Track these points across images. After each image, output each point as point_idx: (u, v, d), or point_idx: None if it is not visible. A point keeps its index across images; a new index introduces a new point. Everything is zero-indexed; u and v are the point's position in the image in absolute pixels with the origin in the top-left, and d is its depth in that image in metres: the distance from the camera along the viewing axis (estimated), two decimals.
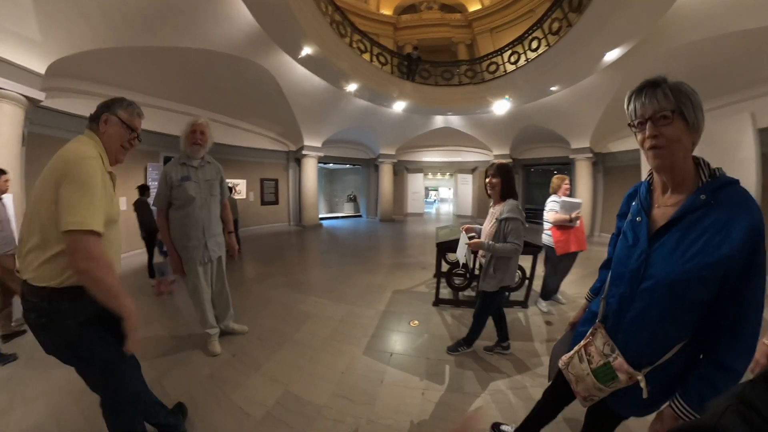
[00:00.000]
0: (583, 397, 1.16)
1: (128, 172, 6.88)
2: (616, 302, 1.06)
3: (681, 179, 0.95)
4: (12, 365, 2.54)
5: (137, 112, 1.48)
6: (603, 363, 1.05)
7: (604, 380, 1.05)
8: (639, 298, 0.98)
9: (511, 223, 2.25)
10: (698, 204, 0.89)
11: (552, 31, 7.47)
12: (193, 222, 2.59)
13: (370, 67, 8.82)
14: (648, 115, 0.91)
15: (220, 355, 2.70)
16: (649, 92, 0.90)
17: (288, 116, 9.40)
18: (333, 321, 3.43)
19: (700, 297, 0.87)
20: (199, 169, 2.65)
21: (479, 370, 2.53)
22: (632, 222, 1.07)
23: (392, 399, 2.19)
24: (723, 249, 0.83)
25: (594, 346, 1.10)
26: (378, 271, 5.58)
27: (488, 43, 15.50)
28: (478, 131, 11.50)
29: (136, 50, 5.42)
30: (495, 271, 2.36)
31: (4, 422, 1.96)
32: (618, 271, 1.09)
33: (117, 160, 1.45)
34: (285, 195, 11.55)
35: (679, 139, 0.89)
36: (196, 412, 2.03)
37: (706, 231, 0.86)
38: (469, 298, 3.88)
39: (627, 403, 1.07)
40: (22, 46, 3.90)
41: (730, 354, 0.88)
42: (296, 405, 2.12)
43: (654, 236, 0.97)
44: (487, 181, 2.40)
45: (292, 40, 6.35)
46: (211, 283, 2.83)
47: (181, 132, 2.66)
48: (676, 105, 0.87)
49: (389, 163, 13.24)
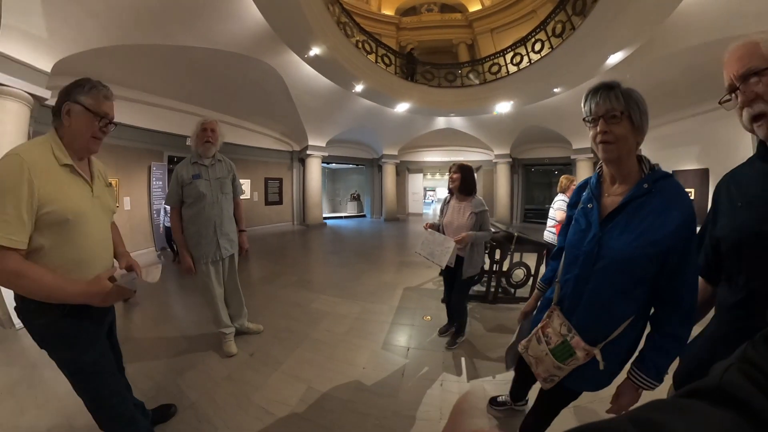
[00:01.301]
0: (543, 378, 1.23)
1: (131, 172, 6.84)
2: (572, 284, 1.15)
3: (627, 172, 1.07)
4: (24, 367, 2.46)
5: (104, 93, 1.27)
6: (561, 342, 1.14)
7: (563, 358, 1.13)
8: (593, 278, 1.08)
9: (485, 214, 2.59)
10: (641, 191, 1.02)
11: (555, 33, 7.56)
12: (204, 220, 2.59)
13: (376, 68, 8.86)
14: (601, 113, 1.02)
15: (237, 356, 2.68)
16: (604, 93, 1.02)
17: (293, 116, 9.41)
18: (348, 318, 3.46)
19: (646, 272, 1.00)
20: (210, 168, 2.66)
21: (491, 359, 2.64)
22: (584, 209, 1.18)
23: (414, 391, 2.23)
24: (661, 231, 0.96)
25: (551, 327, 1.19)
26: (387, 269, 5.63)
27: (489, 43, 15.56)
28: (480, 131, 11.56)
29: (142, 48, 5.40)
30: (477, 256, 2.64)
31: (16, 425, 1.92)
32: (572, 255, 1.19)
33: (90, 151, 1.31)
34: (289, 195, 11.62)
35: (626, 137, 1.01)
36: (218, 414, 2.02)
37: (648, 215, 0.99)
38: (479, 293, 3.94)
39: (582, 380, 1.16)
40: (29, 44, 3.85)
41: (676, 323, 1.01)
42: (321, 401, 2.13)
43: (605, 220, 1.09)
44: (449, 176, 2.68)
45: (300, 39, 6.37)
46: (223, 281, 2.82)
47: (192, 132, 2.67)
48: (626, 107, 0.99)
49: (392, 164, 13.35)
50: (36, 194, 1.09)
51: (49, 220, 1.13)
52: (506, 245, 3.75)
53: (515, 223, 12.31)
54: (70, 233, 1.20)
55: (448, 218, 2.71)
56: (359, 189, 15.75)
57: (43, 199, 1.11)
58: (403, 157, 13.67)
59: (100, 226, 1.35)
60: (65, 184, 1.20)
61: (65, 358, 1.27)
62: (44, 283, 1.10)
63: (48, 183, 1.13)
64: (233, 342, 2.78)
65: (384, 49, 9.47)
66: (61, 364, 1.27)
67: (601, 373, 1.10)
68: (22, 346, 2.74)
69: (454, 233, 2.59)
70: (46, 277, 1.11)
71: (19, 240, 1.06)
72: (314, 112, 9.46)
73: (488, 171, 13.16)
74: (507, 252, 3.77)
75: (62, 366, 1.28)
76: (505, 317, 3.47)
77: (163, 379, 2.39)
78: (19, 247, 1.07)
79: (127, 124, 6.59)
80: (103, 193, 1.40)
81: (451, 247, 2.49)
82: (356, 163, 14.05)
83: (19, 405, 2.09)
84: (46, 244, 1.15)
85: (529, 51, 8.59)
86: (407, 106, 9.72)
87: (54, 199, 1.14)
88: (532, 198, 13.08)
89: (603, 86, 1.03)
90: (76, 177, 1.26)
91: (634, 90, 1.03)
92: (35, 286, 1.10)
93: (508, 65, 9.24)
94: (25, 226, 1.08)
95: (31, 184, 1.08)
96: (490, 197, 12.98)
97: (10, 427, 1.92)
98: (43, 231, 1.14)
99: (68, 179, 1.22)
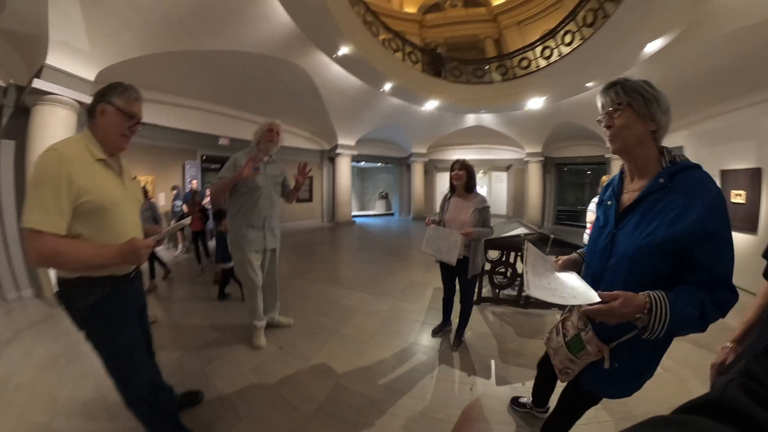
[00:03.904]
0: (560, 370, 1.28)
1: (166, 170, 7.28)
2: (590, 280, 1.14)
3: (644, 165, 1.08)
4: (67, 343, 2.65)
5: (134, 96, 1.38)
6: (575, 335, 1.19)
7: (575, 350, 1.18)
8: (607, 274, 1.10)
9: (488, 210, 2.62)
10: (657, 187, 1.01)
11: (586, 23, 7.20)
12: (257, 210, 2.69)
13: (403, 66, 8.81)
14: (606, 108, 1.09)
15: (265, 348, 2.72)
16: (605, 92, 1.10)
17: (323, 115, 9.52)
18: (379, 316, 3.44)
19: (662, 268, 0.96)
20: (267, 165, 2.80)
21: (522, 365, 2.52)
22: (604, 206, 1.22)
23: (443, 393, 2.19)
24: (678, 225, 0.92)
25: (570, 321, 1.25)
26: (417, 268, 5.56)
27: (516, 37, 15.03)
28: (511, 129, 11.24)
29: (174, 55, 5.65)
30: (479, 255, 2.69)
31: (53, 399, 2.08)
32: (591, 251, 1.23)
33: (119, 148, 1.40)
34: (319, 192, 11.86)
35: (628, 126, 1.04)
36: (243, 404, 2.05)
37: (662, 211, 0.97)
38: (510, 296, 3.82)
39: (597, 381, 1.18)
40: (74, 57, 4.17)
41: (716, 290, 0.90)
42: (349, 398, 2.11)
43: (619, 217, 1.11)
44: (453, 174, 2.65)
45: (328, 39, 6.41)
46: (263, 273, 2.88)
47: (256, 130, 2.79)
48: (626, 99, 1.04)
49: (421, 162, 13.26)
50: (74, 185, 1.19)
51: (87, 208, 1.23)
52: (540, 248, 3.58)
53: (547, 225, 11.81)
54: (106, 221, 1.30)
55: (450, 215, 2.68)
56: (387, 187, 15.81)
57: (80, 190, 1.20)
58: (431, 156, 13.52)
59: (132, 214, 1.47)
60: (100, 176, 1.30)
61: (101, 339, 1.37)
62: (81, 253, 1.21)
63: (84, 175, 1.22)
64: (263, 334, 2.84)
65: (410, 46, 9.39)
66: (96, 345, 1.37)
67: (615, 378, 1.12)
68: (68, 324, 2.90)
69: (457, 229, 2.54)
70: (82, 247, 1.21)
71: (57, 225, 1.16)
72: (343, 112, 9.53)
73: (519, 170, 12.75)
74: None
75: (97, 347, 1.38)
76: (536, 322, 3.34)
77: (191, 366, 2.47)
78: (57, 231, 1.16)
79: (163, 125, 7.06)
80: (132, 186, 1.52)
81: (459, 241, 2.45)
82: (385, 161, 14.06)
83: (59, 378, 2.30)
84: (84, 232, 1.25)
85: (559, 44, 8.24)
86: (436, 103, 9.60)
87: (90, 190, 1.23)
88: (564, 199, 12.41)
89: (607, 85, 1.10)
90: (109, 171, 1.37)
91: (643, 81, 1.06)
92: (74, 258, 1.20)
93: (538, 59, 8.92)
94: (63, 214, 1.17)
95: (69, 175, 1.18)
96: (520, 197, 12.61)
97: (50, 398, 2.09)
98: (81, 219, 1.23)
99: (102, 172, 1.33)
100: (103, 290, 1.32)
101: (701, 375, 2.31)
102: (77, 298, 1.30)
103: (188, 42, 5.52)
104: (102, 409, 1.97)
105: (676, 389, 2.20)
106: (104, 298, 1.33)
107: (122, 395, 1.47)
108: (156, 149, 7.05)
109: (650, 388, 1.09)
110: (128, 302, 1.46)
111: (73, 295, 1.30)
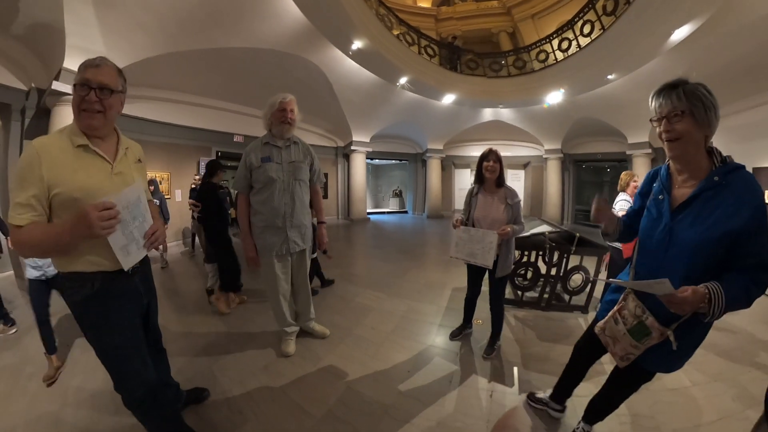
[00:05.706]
0: (620, 357, 1.32)
1: (181, 167, 7.38)
2: (646, 269, 1.26)
3: (696, 165, 1.14)
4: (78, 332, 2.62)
5: (86, 63, 1.24)
6: (637, 322, 1.24)
7: (639, 337, 1.23)
8: (666, 264, 1.17)
9: (520, 205, 2.43)
10: (712, 184, 1.09)
11: (606, 11, 6.90)
12: (272, 208, 2.34)
13: (420, 60, 8.67)
14: (664, 113, 1.11)
15: (275, 347, 2.62)
16: (666, 94, 1.11)
17: (337, 112, 9.48)
18: (394, 316, 3.32)
19: (717, 257, 1.07)
20: (284, 150, 2.40)
21: (546, 371, 2.36)
22: (655, 200, 1.27)
23: (461, 401, 2.05)
24: (734, 221, 1.03)
25: (627, 309, 1.29)
26: (433, 267, 5.41)
27: (531, 29, 14.68)
28: (529, 124, 10.98)
29: (187, 54, 5.69)
30: (510, 254, 2.47)
31: (64, 389, 2.11)
32: (645, 242, 1.30)
33: (89, 127, 1.25)
34: (334, 189, 11.86)
35: (689, 133, 1.08)
36: (250, 405, 1.99)
37: (719, 206, 1.06)
38: (531, 299, 3.64)
39: (658, 360, 1.26)
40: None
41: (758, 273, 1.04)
42: (360, 404, 2.00)
43: (675, 211, 1.18)
44: (487, 165, 2.40)
45: (342, 33, 6.33)
46: (291, 278, 2.59)
47: (265, 112, 2.44)
48: (687, 106, 1.06)
49: (437, 158, 12.96)
50: (44, 179, 1.16)
51: (59, 200, 1.19)
52: (566, 247, 3.42)
53: (566, 224, 11.45)
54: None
55: (480, 212, 2.45)
56: (401, 185, 15.71)
57: (51, 182, 1.17)
58: (448, 152, 13.22)
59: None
60: (78, 164, 1.23)
61: (91, 337, 1.35)
62: (35, 237, 1.15)
63: (56, 167, 1.18)
64: (293, 342, 2.60)
65: (426, 40, 9.23)
66: (89, 341, 1.36)
67: (674, 355, 1.20)
68: None
69: (489, 228, 2.36)
70: (34, 232, 1.15)
71: (28, 219, 1.15)
72: (358, 108, 9.46)
73: (537, 167, 12.45)
74: (566, 254, 3.43)
75: (90, 343, 1.36)
76: (558, 326, 3.15)
77: (200, 364, 2.43)
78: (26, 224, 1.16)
79: (177, 123, 7.18)
80: (128, 169, 1.40)
81: (494, 241, 2.26)
82: (400, 158, 13.91)
83: (71, 368, 2.34)
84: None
85: (577, 35, 7.93)
86: (453, 97, 9.43)
87: (60, 182, 1.18)
88: (583, 198, 11.95)
89: (666, 86, 1.12)
90: (93, 156, 1.28)
91: (701, 85, 1.09)
92: (36, 243, 1.17)
93: (556, 52, 8.64)
94: (35, 208, 1.16)
95: (40, 169, 1.15)
96: (539, 196, 12.30)
97: (62, 388, 2.14)
98: (58, 211, 1.20)
99: (83, 159, 1.25)
100: (93, 285, 1.27)
101: (732, 390, 2.13)
102: (70, 292, 1.29)
103: (201, 40, 5.55)
104: (110, 401, 1.95)
105: (704, 405, 2.00)
106: (94, 294, 1.28)
107: (117, 392, 1.44)
108: (171, 147, 7.17)
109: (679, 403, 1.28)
110: (123, 301, 1.37)
111: (67, 288, 1.29)
